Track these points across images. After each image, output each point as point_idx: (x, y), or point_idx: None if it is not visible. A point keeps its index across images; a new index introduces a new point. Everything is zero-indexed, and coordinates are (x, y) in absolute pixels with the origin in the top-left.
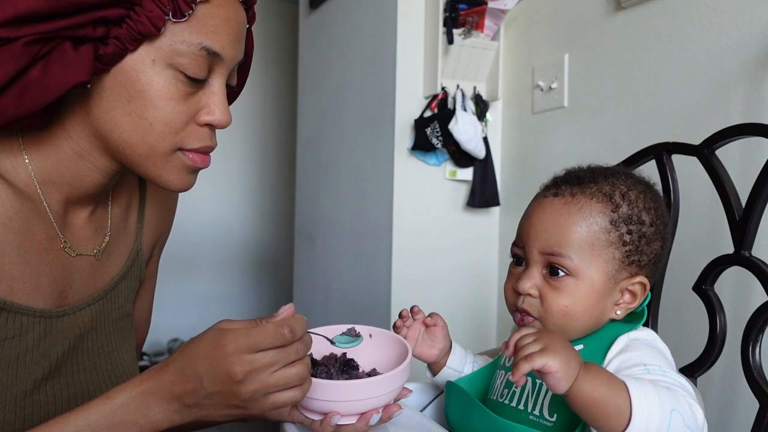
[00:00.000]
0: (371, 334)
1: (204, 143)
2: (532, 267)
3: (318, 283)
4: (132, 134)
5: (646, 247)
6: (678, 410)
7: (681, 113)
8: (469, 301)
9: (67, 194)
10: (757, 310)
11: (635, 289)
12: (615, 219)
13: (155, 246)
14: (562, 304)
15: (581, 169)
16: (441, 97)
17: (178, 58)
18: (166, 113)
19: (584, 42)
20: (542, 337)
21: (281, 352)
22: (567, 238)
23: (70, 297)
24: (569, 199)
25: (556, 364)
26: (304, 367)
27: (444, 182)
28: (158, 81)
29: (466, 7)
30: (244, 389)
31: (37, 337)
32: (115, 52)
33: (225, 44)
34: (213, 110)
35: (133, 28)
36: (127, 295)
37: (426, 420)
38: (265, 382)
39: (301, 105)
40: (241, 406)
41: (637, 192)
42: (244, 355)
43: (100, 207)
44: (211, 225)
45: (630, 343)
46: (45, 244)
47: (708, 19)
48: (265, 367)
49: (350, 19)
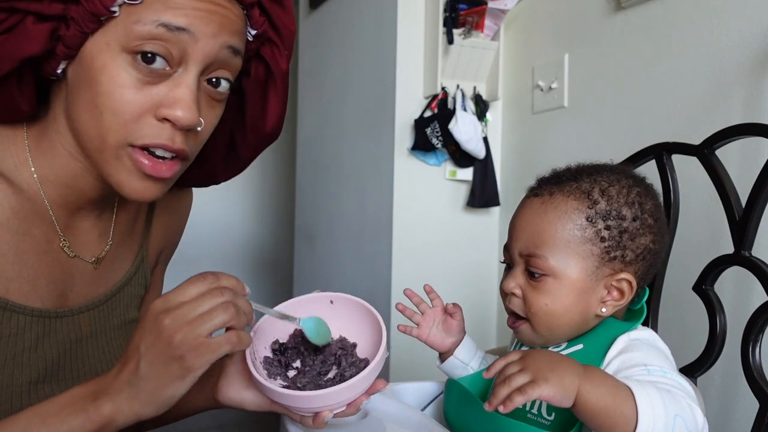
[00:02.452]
0: (332, 300)
1: (157, 139)
2: (515, 267)
3: (318, 283)
4: (89, 125)
5: (630, 242)
6: (681, 415)
7: (681, 113)
8: (469, 300)
9: (67, 196)
10: (757, 310)
11: (622, 286)
12: (591, 215)
13: (161, 253)
14: (542, 302)
15: (566, 169)
16: (441, 97)
17: (135, 41)
18: (115, 101)
19: (584, 42)
20: (528, 365)
21: (205, 293)
22: (542, 237)
23: (71, 299)
24: (547, 198)
25: (551, 391)
26: (232, 305)
27: (444, 182)
28: (111, 66)
29: (466, 7)
30: (172, 331)
31: (34, 337)
32: (75, 34)
33: (193, 22)
34: (172, 104)
35: (86, 7)
36: (130, 302)
37: (426, 419)
38: (188, 318)
39: (301, 105)
40: (178, 356)
41: (619, 187)
42: (169, 304)
43: (107, 212)
44: (211, 225)
45: (630, 343)
46: (44, 246)
47: (708, 19)
48: (189, 305)
49: (350, 19)
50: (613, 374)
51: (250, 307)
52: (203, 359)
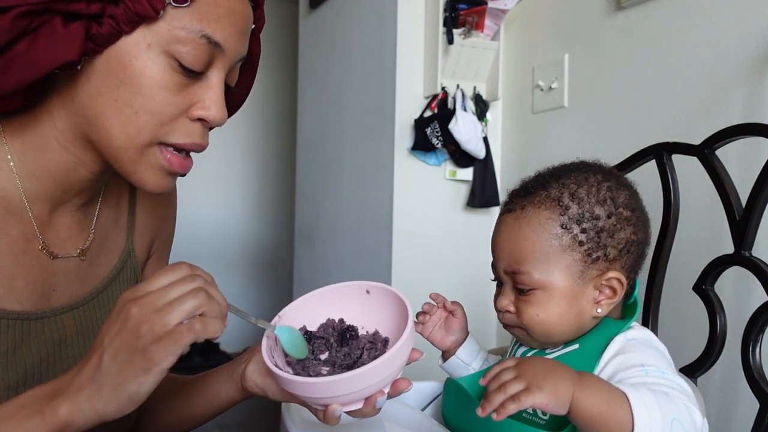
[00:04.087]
0: (368, 290)
1: (191, 139)
2: (504, 285)
3: (318, 283)
4: (114, 123)
5: (609, 239)
6: (678, 419)
7: (681, 113)
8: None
9: (53, 191)
10: (757, 310)
11: (612, 284)
12: (565, 222)
13: (153, 245)
14: (534, 314)
15: (535, 177)
16: (441, 97)
17: (176, 46)
18: (155, 103)
19: (584, 42)
20: (523, 373)
21: (176, 281)
22: (522, 254)
23: (54, 300)
24: (519, 213)
25: (544, 399)
26: (203, 291)
27: (444, 182)
28: (152, 68)
29: (466, 7)
30: (138, 321)
31: (11, 341)
32: (110, 33)
33: (227, 35)
34: (208, 105)
35: (130, 8)
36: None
37: (426, 419)
38: (156, 306)
39: (301, 105)
40: (141, 348)
41: (588, 186)
42: (138, 293)
43: (91, 206)
44: (211, 225)
45: (627, 344)
46: (22, 245)
47: (708, 19)
48: (158, 293)
49: (350, 19)
50: (610, 375)
51: (224, 300)
52: (167, 350)
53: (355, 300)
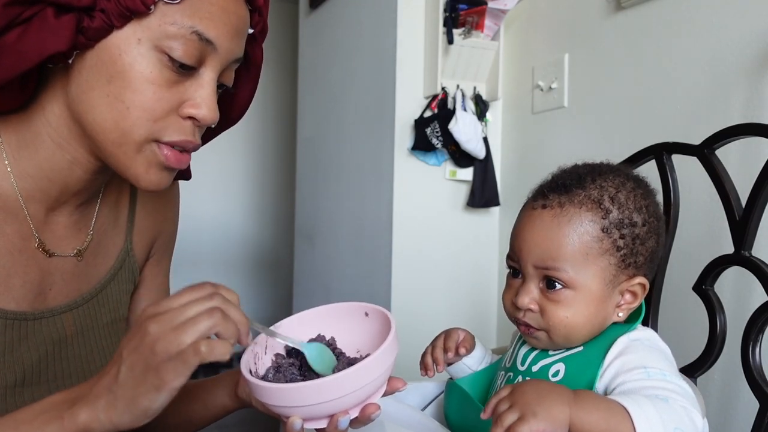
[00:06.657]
0: (367, 313)
1: (184, 137)
2: (528, 282)
3: (318, 283)
4: (107, 118)
5: (641, 247)
6: (680, 428)
7: (681, 113)
8: (469, 300)
9: (48, 190)
10: (757, 310)
11: (635, 289)
12: (606, 226)
13: (153, 246)
14: (562, 315)
15: (568, 174)
16: (441, 97)
17: (167, 41)
18: (145, 98)
19: (584, 42)
20: (516, 401)
21: (196, 299)
22: (560, 251)
23: (50, 299)
24: (558, 210)
25: (540, 425)
26: (218, 311)
27: (444, 182)
28: (141, 63)
29: (466, 7)
30: (155, 338)
31: (9, 341)
32: (101, 26)
33: (220, 33)
34: (199, 103)
35: (121, 2)
36: (119, 298)
37: (427, 419)
38: (174, 324)
39: (301, 105)
40: (154, 366)
41: (626, 192)
42: (158, 309)
43: (90, 206)
44: (211, 225)
45: (630, 345)
46: (18, 244)
47: (708, 19)
48: (176, 311)
49: (350, 19)
50: (613, 376)
51: (244, 318)
52: (176, 371)
53: (353, 322)
